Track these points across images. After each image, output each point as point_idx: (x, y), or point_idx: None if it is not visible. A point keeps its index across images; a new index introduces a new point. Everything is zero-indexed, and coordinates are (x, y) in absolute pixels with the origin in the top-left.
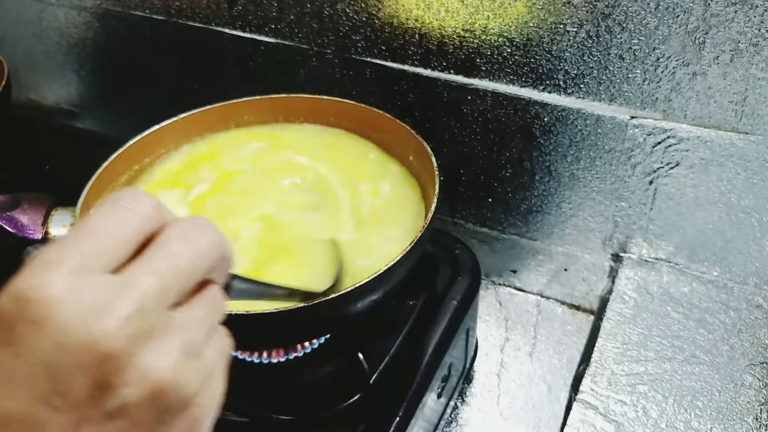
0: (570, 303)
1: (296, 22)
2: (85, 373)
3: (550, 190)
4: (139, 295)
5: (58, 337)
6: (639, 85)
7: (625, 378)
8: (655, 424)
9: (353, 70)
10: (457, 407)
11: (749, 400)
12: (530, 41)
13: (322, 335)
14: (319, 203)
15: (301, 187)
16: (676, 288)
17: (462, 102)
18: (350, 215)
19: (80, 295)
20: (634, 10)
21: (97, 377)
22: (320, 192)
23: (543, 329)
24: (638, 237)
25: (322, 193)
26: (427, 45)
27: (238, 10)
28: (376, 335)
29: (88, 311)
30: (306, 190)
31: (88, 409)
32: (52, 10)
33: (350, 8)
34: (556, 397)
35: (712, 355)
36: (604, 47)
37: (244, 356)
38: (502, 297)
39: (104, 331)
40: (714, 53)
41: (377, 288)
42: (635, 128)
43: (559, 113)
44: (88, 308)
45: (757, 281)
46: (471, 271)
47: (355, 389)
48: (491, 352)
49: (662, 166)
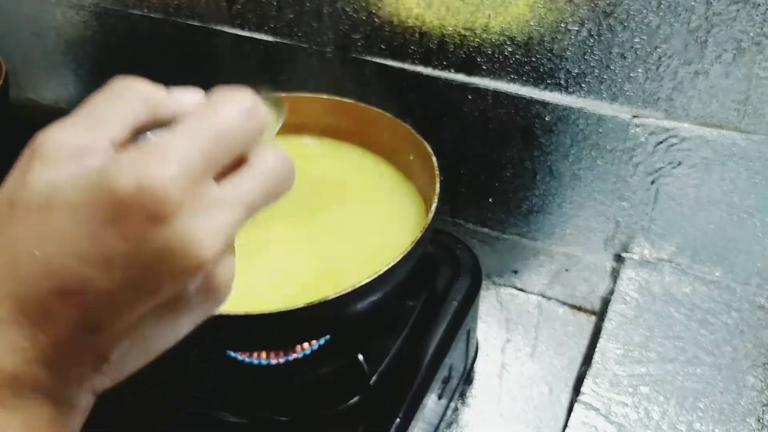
0: (571, 304)
1: (295, 20)
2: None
3: (551, 190)
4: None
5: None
6: (641, 84)
7: (627, 379)
8: (657, 425)
9: (353, 69)
10: (458, 408)
11: (751, 401)
12: (531, 40)
13: (323, 336)
14: (319, 203)
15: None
16: (678, 288)
17: (462, 101)
18: (350, 215)
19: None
20: (636, 9)
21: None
22: (320, 192)
23: (544, 330)
24: (640, 237)
25: (321, 192)
26: (427, 44)
27: (237, 8)
28: (376, 336)
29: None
30: (306, 190)
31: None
32: (51, 9)
33: (350, 7)
34: (557, 399)
35: (715, 356)
36: (605, 46)
37: (244, 357)
38: (503, 297)
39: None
40: (716, 52)
41: (377, 288)
42: (637, 127)
43: (560, 112)
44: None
45: (759, 282)
46: (472, 271)
47: (355, 390)
48: (492, 353)
49: (664, 165)
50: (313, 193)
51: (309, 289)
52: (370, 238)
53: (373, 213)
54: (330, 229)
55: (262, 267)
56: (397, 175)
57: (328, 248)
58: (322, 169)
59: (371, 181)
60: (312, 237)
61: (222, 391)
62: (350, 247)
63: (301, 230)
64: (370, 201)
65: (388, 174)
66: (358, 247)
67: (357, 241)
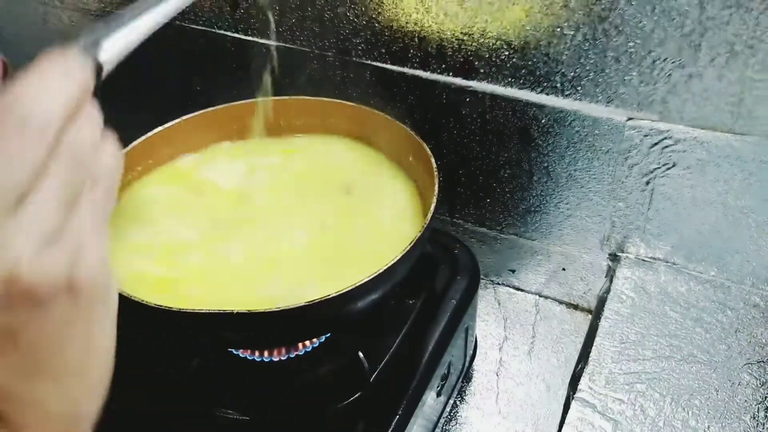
0: (568, 302)
1: (297, 25)
2: None
3: (548, 191)
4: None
5: None
6: (635, 87)
7: (623, 377)
8: (652, 422)
9: (354, 73)
10: (457, 405)
11: (746, 398)
12: (528, 44)
13: (323, 334)
14: (319, 203)
15: (300, 186)
16: (674, 287)
17: (461, 104)
18: (350, 215)
19: None
20: (631, 14)
21: None
22: (320, 192)
23: (541, 328)
24: (636, 237)
25: (322, 192)
26: (426, 48)
27: (240, 13)
28: (376, 334)
29: None
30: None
31: None
32: (56, 12)
33: (351, 12)
34: (554, 396)
35: (710, 354)
36: (600, 50)
37: (245, 355)
38: (501, 296)
39: None
40: (710, 55)
41: (377, 287)
42: (632, 129)
43: (556, 115)
44: None
45: (754, 281)
46: (470, 270)
47: (356, 387)
48: (490, 351)
49: (659, 166)
50: (313, 193)
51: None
52: (370, 238)
53: (372, 213)
54: (330, 228)
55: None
56: (397, 175)
57: (328, 247)
58: (322, 170)
59: (372, 181)
60: (311, 236)
61: (223, 388)
62: (350, 246)
63: (301, 229)
64: (370, 201)
65: (388, 175)
66: (358, 246)
67: (357, 240)
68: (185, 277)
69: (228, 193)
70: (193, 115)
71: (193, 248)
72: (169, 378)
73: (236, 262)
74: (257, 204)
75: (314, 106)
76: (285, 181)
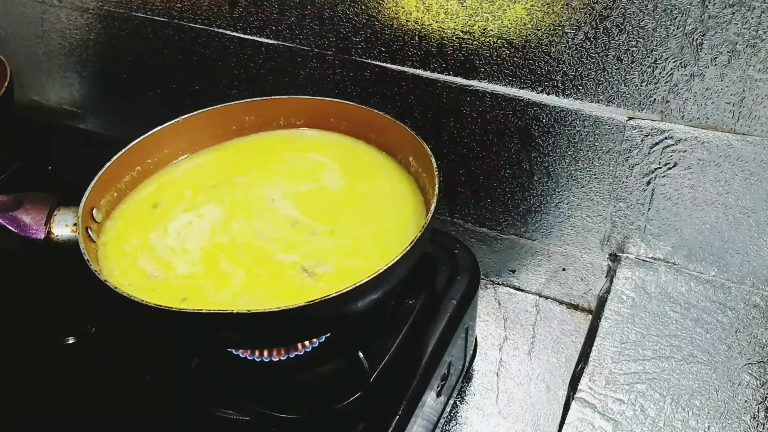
0: (568, 302)
1: (297, 24)
2: None
3: (548, 191)
4: None
5: None
6: (637, 86)
7: (623, 377)
8: (652, 422)
9: (353, 72)
10: (457, 405)
11: (747, 398)
12: (528, 43)
13: (323, 334)
14: (319, 202)
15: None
16: (674, 288)
17: (461, 103)
18: (350, 215)
19: None
20: (632, 12)
21: None
22: (320, 191)
23: (541, 328)
24: (636, 237)
25: (322, 192)
26: (426, 47)
27: (239, 11)
28: (376, 334)
29: None
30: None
31: None
32: (55, 11)
33: (350, 10)
34: (554, 396)
35: (710, 354)
36: (602, 49)
37: (245, 355)
38: (501, 296)
39: None
40: (711, 55)
41: (377, 287)
42: (633, 129)
43: (557, 114)
44: None
45: (754, 281)
46: (470, 270)
47: (356, 387)
48: (490, 351)
49: (660, 166)
50: (313, 193)
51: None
52: (370, 237)
53: (372, 212)
54: (329, 228)
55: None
56: (397, 175)
57: (328, 247)
58: (322, 170)
59: (372, 181)
60: (311, 235)
61: (223, 388)
62: (350, 246)
63: (301, 228)
64: (370, 201)
65: (389, 174)
66: (358, 246)
67: (356, 240)
68: (185, 278)
69: (228, 192)
70: (193, 115)
71: (193, 249)
72: (169, 378)
73: (236, 262)
74: (258, 204)
75: (314, 105)
76: (284, 180)
